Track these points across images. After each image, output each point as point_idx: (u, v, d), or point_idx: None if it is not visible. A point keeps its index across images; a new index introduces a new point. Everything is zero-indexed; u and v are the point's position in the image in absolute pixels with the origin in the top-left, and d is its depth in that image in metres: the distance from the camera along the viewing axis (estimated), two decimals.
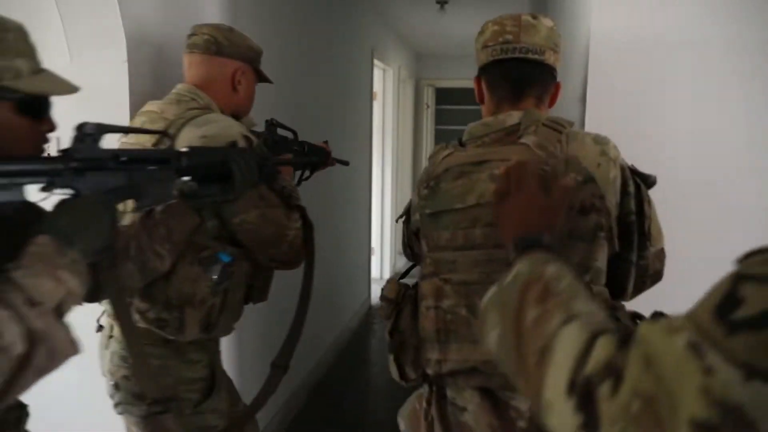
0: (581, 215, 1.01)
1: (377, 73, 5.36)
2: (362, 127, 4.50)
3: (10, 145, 0.86)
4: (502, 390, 1.03)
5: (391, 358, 1.22)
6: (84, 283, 0.80)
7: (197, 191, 1.07)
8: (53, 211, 0.84)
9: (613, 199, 1.03)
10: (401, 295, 1.21)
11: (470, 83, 1.23)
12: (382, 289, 1.25)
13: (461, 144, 1.16)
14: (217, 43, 1.41)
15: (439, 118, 7.76)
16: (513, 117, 1.09)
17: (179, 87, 1.42)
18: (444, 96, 7.77)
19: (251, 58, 1.48)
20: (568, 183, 0.89)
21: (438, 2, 4.34)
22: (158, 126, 1.30)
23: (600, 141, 1.06)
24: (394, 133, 5.78)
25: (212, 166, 1.09)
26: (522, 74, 1.10)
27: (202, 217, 1.19)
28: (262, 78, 1.54)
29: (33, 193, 0.87)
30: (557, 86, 1.16)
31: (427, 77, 7.27)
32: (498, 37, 1.10)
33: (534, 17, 1.10)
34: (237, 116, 1.44)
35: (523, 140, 1.05)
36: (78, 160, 0.89)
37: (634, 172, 1.09)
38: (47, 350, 0.71)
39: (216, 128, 1.27)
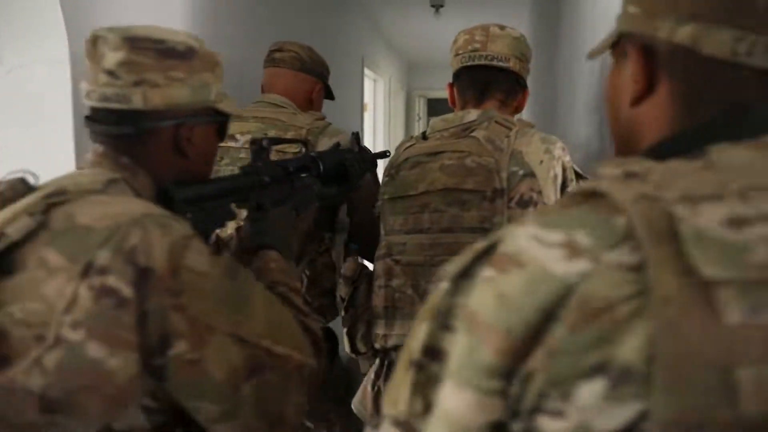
0: (520, 207, 1.08)
1: (368, 84, 5.07)
2: None
3: (211, 167, 0.95)
4: None
5: (344, 331, 1.34)
6: None
7: (325, 192, 1.17)
8: (261, 226, 0.96)
9: (552, 196, 1.11)
10: (358, 274, 1.32)
11: None
12: (341, 269, 1.37)
13: (424, 137, 1.26)
14: (301, 60, 1.52)
15: None
16: (471, 114, 1.19)
17: (275, 97, 1.50)
18: (436, 107, 7.50)
19: (325, 76, 1.61)
20: None
21: (433, 5, 4.05)
22: (290, 134, 1.40)
23: (547, 141, 1.14)
24: (385, 146, 5.49)
25: (336, 168, 1.23)
26: (487, 79, 1.22)
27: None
28: (329, 94, 1.66)
29: None
30: (525, 93, 1.27)
31: (419, 88, 7.00)
32: (467, 46, 1.24)
33: (501, 28, 1.23)
34: None
35: (474, 134, 1.14)
36: (266, 175, 1.00)
37: (579, 174, 1.17)
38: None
39: (345, 138, 1.40)
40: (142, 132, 0.82)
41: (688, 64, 0.52)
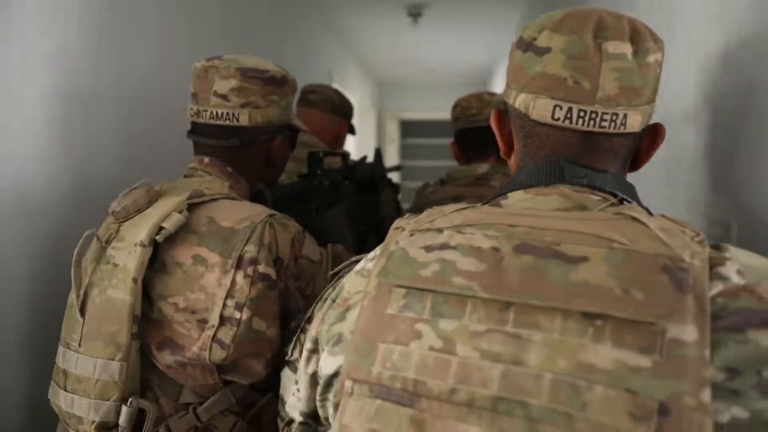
0: None
1: None
2: None
3: (281, 173, 1.14)
4: None
5: None
6: None
7: (361, 199, 1.47)
8: (321, 224, 1.20)
9: None
10: None
11: (438, 114, 3.45)
12: None
13: (443, 183, 1.56)
14: (333, 102, 1.71)
15: (405, 152, 7.01)
16: (482, 167, 1.50)
17: (306, 138, 1.56)
18: (410, 130, 7.06)
19: (350, 116, 1.79)
20: None
21: (411, 15, 3.59)
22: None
23: None
24: None
25: (369, 178, 1.52)
26: (485, 138, 1.52)
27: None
28: (352, 131, 1.83)
29: None
30: None
31: (392, 108, 6.55)
32: (466, 112, 1.56)
33: (491, 95, 1.58)
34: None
35: (492, 183, 1.45)
36: (326, 180, 1.28)
37: None
38: None
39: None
40: (245, 144, 1.01)
41: (525, 125, 0.66)
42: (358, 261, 0.68)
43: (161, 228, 0.84)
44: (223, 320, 0.82)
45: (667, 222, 0.54)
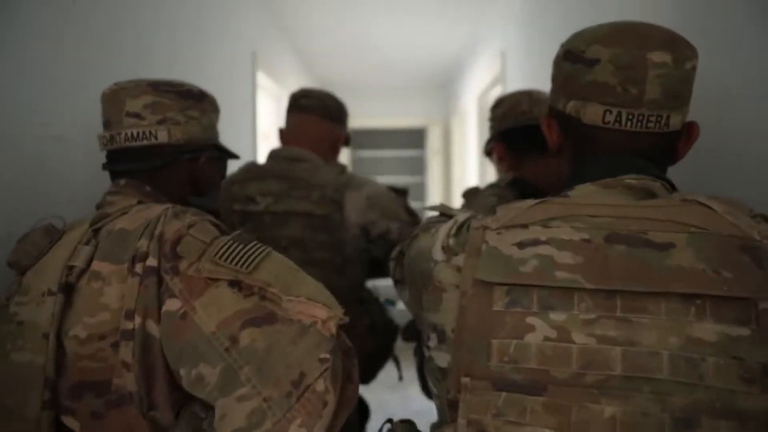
0: None
1: (269, 104, 3.57)
2: None
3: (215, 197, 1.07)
4: None
5: (417, 374, 1.52)
6: None
7: None
8: None
9: None
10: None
11: (396, 121, 3.18)
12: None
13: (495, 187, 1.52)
14: (329, 108, 1.58)
15: (356, 168, 6.04)
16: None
17: (294, 151, 1.50)
18: (360, 140, 6.09)
19: (346, 123, 1.68)
20: None
21: None
22: (315, 195, 1.42)
23: None
24: None
25: None
26: (537, 137, 1.21)
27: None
28: (347, 140, 1.70)
29: None
30: None
31: None
32: (516, 109, 1.44)
33: (540, 93, 1.45)
34: None
35: None
36: None
37: None
38: None
39: (373, 188, 1.49)
40: (166, 164, 0.95)
41: (576, 129, 0.73)
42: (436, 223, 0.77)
43: (71, 267, 0.77)
44: (121, 336, 0.72)
45: (725, 204, 0.62)
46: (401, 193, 1.58)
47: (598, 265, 0.58)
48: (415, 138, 6.06)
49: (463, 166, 4.82)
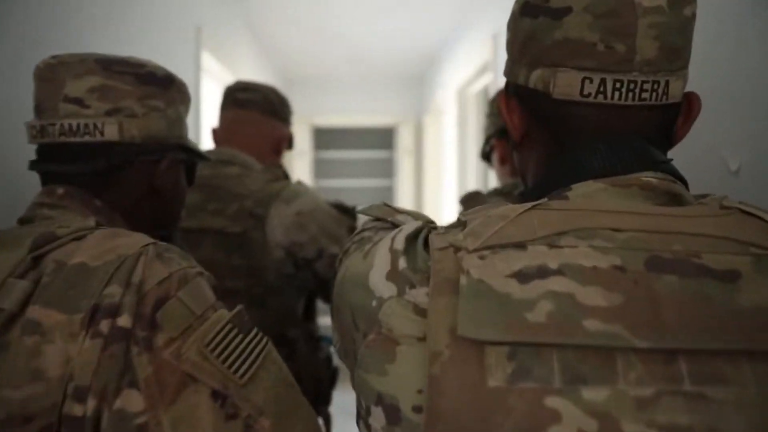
0: None
1: (216, 91, 3.06)
2: None
3: (180, 213, 0.88)
4: None
5: None
6: None
7: None
8: None
9: None
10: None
11: (364, 119, 2.18)
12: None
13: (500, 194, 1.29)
14: (271, 103, 1.34)
15: (320, 170, 5.55)
16: None
17: (225, 153, 1.25)
18: (325, 139, 5.61)
19: (291, 123, 1.42)
20: None
21: None
22: (233, 208, 1.17)
23: None
24: None
25: None
26: None
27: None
28: (290, 144, 1.43)
29: None
30: None
31: (301, 111, 5.08)
32: None
33: None
34: None
35: None
36: None
37: None
38: None
39: (309, 202, 1.20)
40: (116, 168, 0.75)
41: (545, 108, 0.54)
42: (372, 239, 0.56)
43: None
44: (62, 424, 0.54)
45: None
46: (348, 212, 1.29)
47: (644, 309, 0.40)
48: (383, 138, 5.61)
49: (438, 168, 4.40)
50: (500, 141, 1.27)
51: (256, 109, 1.31)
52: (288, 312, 1.21)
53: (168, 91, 0.79)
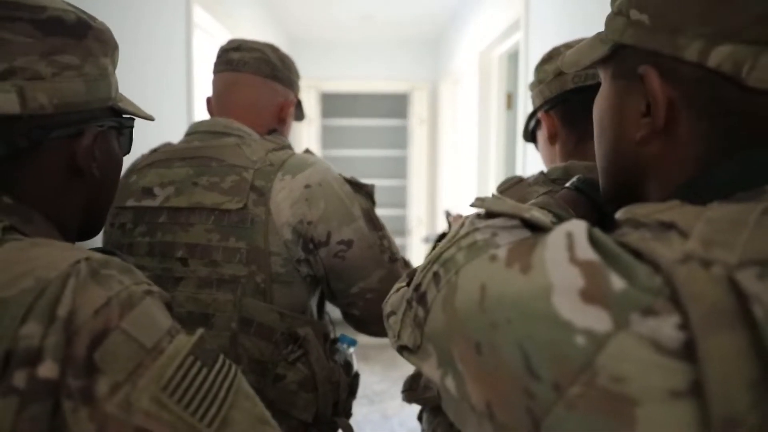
0: None
1: (211, 51, 2.77)
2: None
3: (115, 192, 0.74)
4: None
5: None
6: None
7: None
8: None
9: None
10: None
11: (377, 84, 1.76)
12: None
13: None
14: (271, 64, 1.15)
15: (328, 138, 5.26)
16: None
17: (219, 122, 1.08)
18: (334, 104, 5.30)
19: (297, 85, 1.23)
20: None
21: None
22: (230, 180, 0.99)
23: None
24: None
25: None
26: None
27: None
28: (300, 114, 1.28)
29: None
30: None
31: (308, 75, 4.77)
32: None
33: None
34: None
35: None
36: None
37: None
38: None
39: (318, 173, 1.03)
40: (22, 151, 0.58)
41: (724, 96, 0.43)
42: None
43: None
44: None
45: None
46: (364, 191, 1.10)
47: None
48: (395, 105, 5.29)
49: (454, 139, 4.11)
50: (548, 114, 1.01)
51: (253, 71, 1.13)
52: (297, 306, 1.03)
53: (83, 40, 0.62)
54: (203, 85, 2.42)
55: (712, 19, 0.42)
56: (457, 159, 3.99)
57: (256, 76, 1.13)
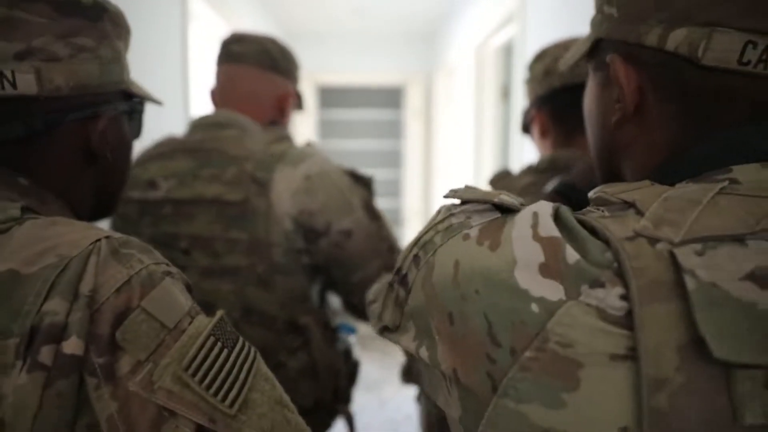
0: None
1: (208, 42, 2.78)
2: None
3: (127, 177, 0.75)
4: None
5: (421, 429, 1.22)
6: None
7: None
8: None
9: None
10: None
11: (373, 76, 1.71)
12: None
13: (543, 171, 1.07)
14: (271, 56, 1.16)
15: (324, 129, 5.28)
16: None
17: (222, 115, 1.10)
18: (332, 97, 5.31)
19: (297, 77, 1.26)
20: None
21: None
22: (231, 171, 1.01)
23: None
24: None
25: None
26: None
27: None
28: (300, 104, 1.27)
29: None
30: None
31: (306, 68, 4.78)
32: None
33: None
34: None
35: None
36: None
37: None
38: None
39: (318, 165, 1.05)
40: (38, 132, 0.58)
41: (684, 77, 0.46)
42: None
43: None
44: None
45: None
46: (363, 182, 1.13)
47: None
48: (390, 97, 5.31)
49: (449, 131, 4.13)
50: (539, 112, 1.08)
51: (252, 63, 1.14)
52: (298, 295, 1.04)
53: (99, 23, 0.62)
54: (199, 75, 2.43)
55: (667, 5, 0.45)
56: (452, 150, 4.02)
57: (256, 68, 1.15)
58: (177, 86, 2.08)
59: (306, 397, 1.04)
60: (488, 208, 0.48)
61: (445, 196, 0.54)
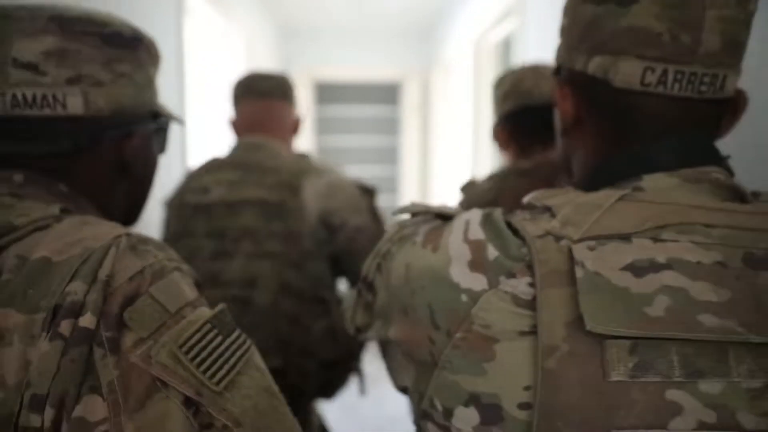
0: None
1: (205, 37, 2.75)
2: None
3: (151, 188, 0.83)
4: None
5: None
6: None
7: None
8: None
9: None
10: None
11: (370, 72, 1.92)
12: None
13: (507, 177, 1.22)
14: (285, 89, 1.44)
15: (323, 127, 5.25)
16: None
17: (256, 140, 1.38)
18: (331, 95, 5.28)
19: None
20: None
21: None
22: (270, 180, 1.30)
23: None
24: None
25: None
26: (548, 119, 1.18)
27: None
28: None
29: None
30: None
31: (302, 63, 4.74)
32: (519, 87, 1.23)
33: (547, 68, 1.23)
34: None
35: None
36: None
37: None
38: None
39: (337, 176, 1.35)
40: (82, 147, 0.67)
41: (603, 97, 0.55)
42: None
43: None
44: None
45: None
46: (368, 192, 1.40)
47: (751, 304, 0.42)
48: (388, 93, 5.28)
49: (446, 127, 4.11)
50: (501, 128, 1.27)
51: (276, 98, 1.41)
52: (322, 276, 1.31)
53: (136, 51, 0.71)
54: (194, 70, 2.40)
55: (587, 38, 0.56)
56: (449, 147, 4.00)
57: (279, 101, 1.42)
58: (172, 81, 2.06)
59: (329, 353, 1.30)
60: (432, 217, 0.61)
61: (394, 213, 0.65)
